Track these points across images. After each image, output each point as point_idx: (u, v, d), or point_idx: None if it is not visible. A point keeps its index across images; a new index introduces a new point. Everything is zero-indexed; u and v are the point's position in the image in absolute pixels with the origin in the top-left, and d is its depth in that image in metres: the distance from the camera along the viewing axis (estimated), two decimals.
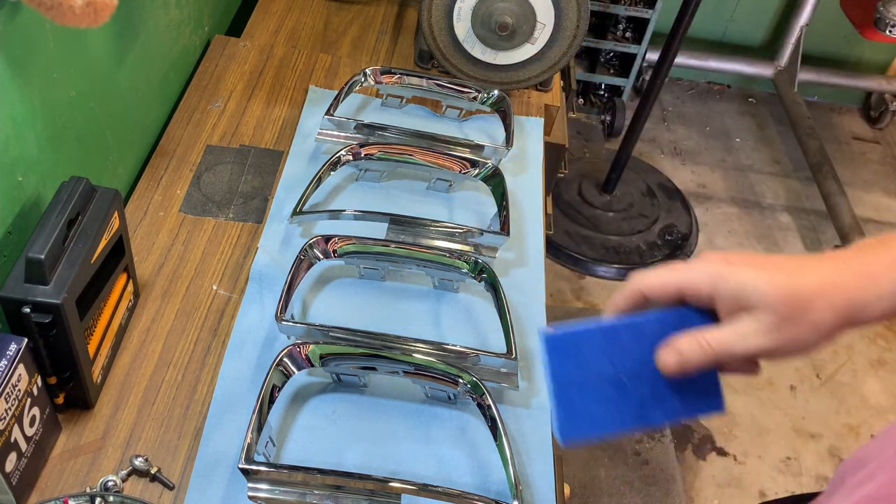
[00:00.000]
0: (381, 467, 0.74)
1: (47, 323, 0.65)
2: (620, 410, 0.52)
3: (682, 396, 0.52)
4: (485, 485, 0.74)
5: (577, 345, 0.53)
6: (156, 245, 0.91)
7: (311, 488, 0.70)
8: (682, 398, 0.52)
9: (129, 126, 0.99)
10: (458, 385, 0.77)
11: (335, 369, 0.78)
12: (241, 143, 1.06)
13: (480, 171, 1.00)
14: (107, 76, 0.90)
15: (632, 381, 0.52)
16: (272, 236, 0.94)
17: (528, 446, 0.78)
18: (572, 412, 0.52)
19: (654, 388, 0.52)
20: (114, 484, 0.70)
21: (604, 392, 0.52)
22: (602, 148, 2.68)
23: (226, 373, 0.79)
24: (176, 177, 1.00)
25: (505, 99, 1.11)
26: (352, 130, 1.04)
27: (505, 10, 1.08)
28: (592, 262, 2.30)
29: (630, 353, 0.53)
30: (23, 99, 0.73)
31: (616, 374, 0.52)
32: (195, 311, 0.85)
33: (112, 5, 0.64)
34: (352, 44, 1.29)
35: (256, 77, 1.17)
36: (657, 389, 0.52)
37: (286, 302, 0.80)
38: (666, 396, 0.52)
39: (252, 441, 0.68)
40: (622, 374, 0.52)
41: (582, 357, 0.52)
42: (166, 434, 0.75)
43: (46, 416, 0.69)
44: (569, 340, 0.53)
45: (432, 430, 0.78)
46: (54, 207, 0.68)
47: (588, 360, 0.52)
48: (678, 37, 2.00)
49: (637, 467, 1.83)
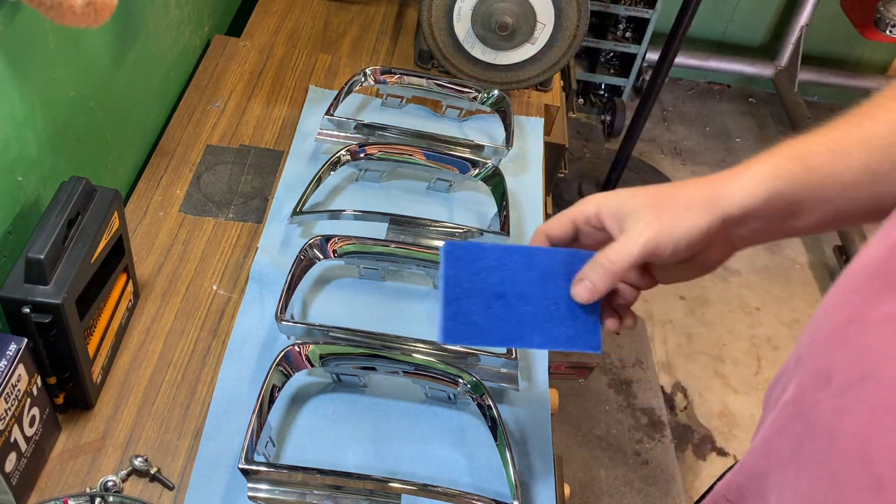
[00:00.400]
0: (381, 467, 0.74)
1: (47, 323, 0.65)
2: (501, 324, 0.55)
3: (562, 328, 0.56)
4: (485, 485, 0.74)
5: (474, 258, 0.56)
6: (156, 245, 0.91)
7: (310, 488, 0.70)
8: (562, 330, 0.56)
9: (129, 126, 0.99)
10: (458, 385, 0.77)
11: (335, 369, 0.78)
12: (241, 143, 1.06)
13: (480, 171, 1.00)
14: (107, 76, 0.90)
15: (518, 302, 0.55)
16: (272, 236, 0.93)
17: (528, 446, 0.78)
18: (457, 316, 0.55)
19: (538, 313, 0.55)
20: (114, 484, 0.70)
21: (490, 305, 0.55)
22: (602, 148, 2.68)
23: (226, 373, 0.79)
24: (176, 177, 1.00)
25: (505, 99, 1.11)
26: (352, 130, 1.04)
27: (505, 10, 1.08)
28: None
29: (520, 277, 0.56)
30: (23, 99, 0.73)
31: (504, 293, 0.55)
32: (195, 311, 0.85)
33: (112, 5, 0.64)
34: (352, 44, 1.29)
35: (256, 77, 1.17)
36: (540, 315, 0.55)
37: (286, 302, 0.80)
38: (547, 324, 0.55)
39: (252, 441, 0.68)
40: (510, 294, 0.55)
41: (476, 270, 0.56)
42: (166, 434, 0.75)
43: (46, 416, 0.69)
44: (467, 252, 0.56)
45: (432, 431, 0.78)
46: (54, 207, 0.68)
47: (481, 274, 0.56)
48: (678, 37, 2.00)
49: (637, 467, 1.83)
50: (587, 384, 1.97)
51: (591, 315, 0.56)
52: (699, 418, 1.96)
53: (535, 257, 0.57)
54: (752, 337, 2.16)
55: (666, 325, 2.15)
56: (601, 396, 1.95)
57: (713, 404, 1.99)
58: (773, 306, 2.23)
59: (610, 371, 2.01)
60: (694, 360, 2.08)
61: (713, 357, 2.10)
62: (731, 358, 2.10)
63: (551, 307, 0.56)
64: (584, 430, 1.88)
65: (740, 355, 2.11)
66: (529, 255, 0.57)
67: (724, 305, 2.23)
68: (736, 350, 2.12)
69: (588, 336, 0.56)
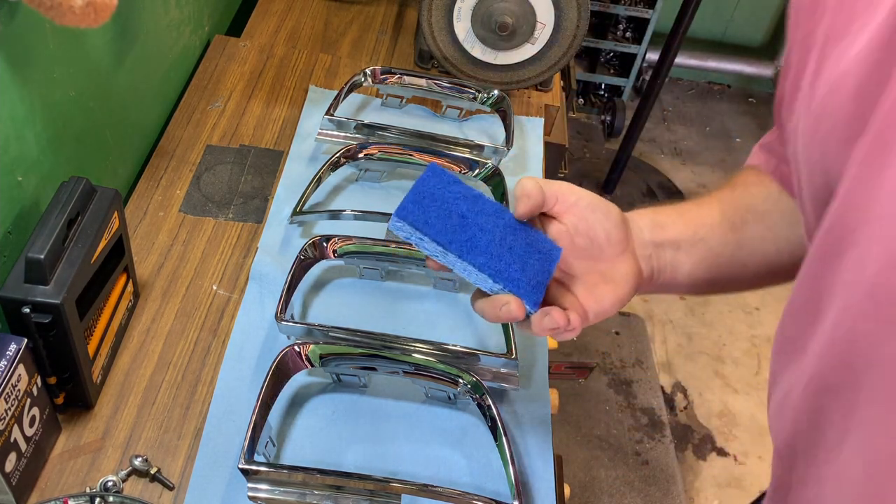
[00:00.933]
0: (381, 467, 0.74)
1: (47, 323, 0.65)
2: (454, 233, 0.57)
3: (509, 268, 0.56)
4: (485, 485, 0.74)
5: (450, 182, 0.59)
6: (156, 245, 0.91)
7: (310, 488, 0.70)
8: (509, 269, 0.56)
9: (129, 126, 0.99)
10: (458, 385, 0.77)
11: (335, 369, 0.78)
12: (241, 143, 1.06)
13: (480, 171, 1.00)
14: (106, 76, 0.90)
15: (476, 228, 0.57)
16: (272, 236, 0.93)
17: (528, 446, 0.78)
18: (418, 205, 0.57)
19: (491, 244, 0.57)
20: (113, 484, 0.70)
21: (450, 216, 0.57)
22: (602, 148, 2.68)
23: (226, 373, 0.79)
24: (176, 177, 1.00)
25: (505, 99, 1.11)
26: (352, 130, 1.04)
27: (505, 10, 1.08)
28: None
29: (486, 217, 0.58)
30: (23, 99, 0.73)
31: (466, 216, 0.57)
32: (195, 311, 0.85)
33: (112, 5, 0.64)
34: (352, 44, 1.29)
35: (256, 77, 1.17)
36: (492, 247, 0.57)
37: (286, 302, 0.80)
38: (497, 257, 0.56)
39: (252, 441, 0.68)
40: (472, 220, 0.57)
41: (451, 191, 0.59)
42: (166, 434, 0.75)
43: (46, 417, 0.69)
44: (448, 176, 0.59)
45: (432, 431, 0.78)
46: (54, 207, 0.68)
47: (454, 195, 0.58)
48: (678, 37, 2.00)
49: (637, 467, 1.83)
50: (587, 384, 1.97)
51: (541, 275, 0.57)
52: (699, 418, 1.96)
53: (506, 213, 0.59)
54: (752, 337, 2.16)
55: (666, 325, 2.15)
56: (601, 396, 1.95)
57: (713, 404, 1.99)
58: (773, 306, 2.23)
59: (610, 371, 2.01)
60: (694, 360, 2.09)
61: (713, 357, 2.10)
62: (732, 358, 2.10)
63: (505, 248, 0.57)
64: (584, 430, 1.88)
65: (740, 355, 2.11)
66: (502, 209, 0.59)
67: (724, 305, 2.23)
68: (736, 350, 2.12)
69: (530, 290, 0.56)
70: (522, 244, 0.58)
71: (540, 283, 0.57)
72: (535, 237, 0.59)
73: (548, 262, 0.58)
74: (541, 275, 0.57)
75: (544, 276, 0.57)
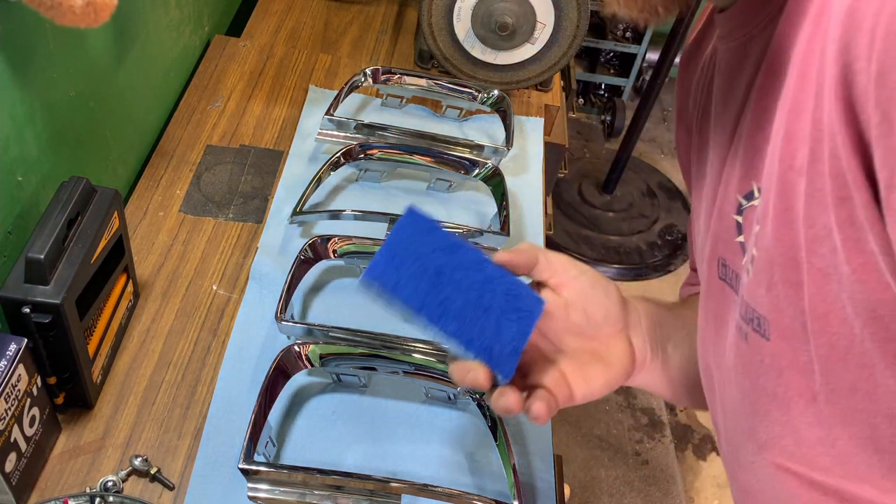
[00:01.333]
0: (381, 467, 0.74)
1: (47, 323, 0.65)
2: (426, 295, 0.53)
3: (482, 335, 0.53)
4: (485, 485, 0.74)
5: (431, 230, 0.55)
6: (156, 245, 0.91)
7: (311, 488, 0.70)
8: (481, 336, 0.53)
9: (129, 126, 0.99)
10: (457, 385, 0.77)
11: (335, 369, 0.78)
12: (241, 143, 1.06)
13: (480, 172, 1.00)
14: (106, 76, 0.90)
15: (451, 288, 0.53)
16: (272, 236, 0.93)
17: (528, 446, 0.78)
18: (391, 262, 0.53)
19: (465, 307, 0.53)
20: (113, 484, 0.70)
21: (424, 273, 0.53)
22: (602, 148, 2.68)
23: (226, 373, 0.79)
24: (176, 177, 1.00)
25: (505, 99, 1.11)
26: (352, 130, 1.04)
27: (505, 10, 1.08)
28: (592, 262, 2.30)
29: (465, 270, 0.54)
30: (23, 99, 0.73)
31: (442, 272, 0.54)
32: (195, 311, 0.85)
33: (112, 5, 0.64)
34: (352, 44, 1.29)
35: (256, 77, 1.17)
36: (466, 311, 0.53)
37: (286, 302, 0.80)
38: (470, 323, 0.53)
39: (252, 441, 0.68)
40: (447, 277, 0.54)
41: (428, 240, 0.54)
42: (166, 434, 0.75)
43: (46, 417, 0.69)
44: (427, 223, 0.55)
45: (432, 431, 0.78)
46: (54, 207, 0.68)
47: (431, 246, 0.54)
48: (678, 37, 2.00)
49: (637, 467, 1.83)
50: None
51: (516, 342, 0.54)
52: (699, 418, 1.96)
53: (486, 264, 0.56)
54: None
55: None
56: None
57: None
58: None
59: None
60: None
61: None
62: None
63: (481, 312, 0.53)
64: (584, 430, 1.88)
65: None
66: (482, 260, 0.56)
67: None
68: None
69: (504, 359, 0.53)
70: (501, 302, 0.54)
71: (515, 349, 0.53)
72: (517, 291, 0.55)
73: (527, 321, 0.55)
74: (517, 339, 0.54)
75: (520, 341, 0.54)
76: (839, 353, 0.37)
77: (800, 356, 0.40)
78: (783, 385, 0.42)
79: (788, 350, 0.40)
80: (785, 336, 0.40)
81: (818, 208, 0.35)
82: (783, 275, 0.39)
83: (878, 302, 0.34)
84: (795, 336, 0.40)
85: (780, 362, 0.41)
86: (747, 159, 0.44)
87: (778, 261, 0.39)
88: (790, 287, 0.38)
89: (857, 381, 0.37)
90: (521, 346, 0.54)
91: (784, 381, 0.42)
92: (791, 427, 0.42)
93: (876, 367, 0.36)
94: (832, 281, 0.36)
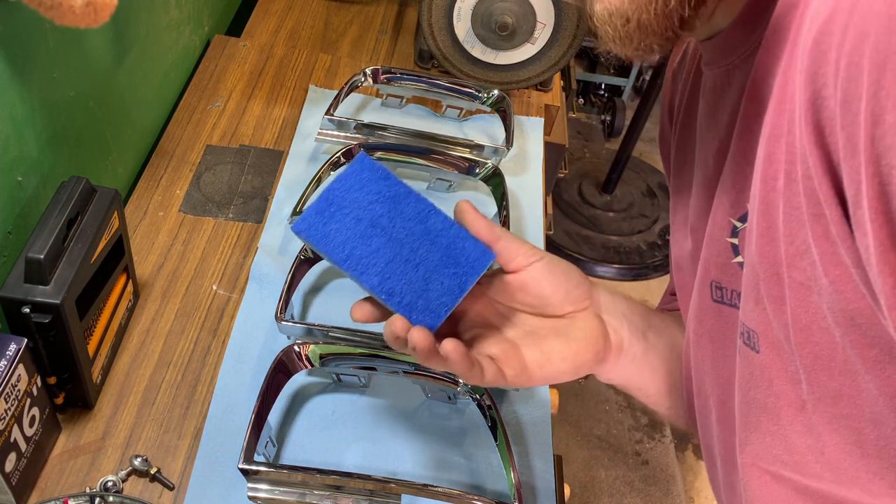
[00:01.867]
0: (381, 467, 0.74)
1: (47, 323, 0.65)
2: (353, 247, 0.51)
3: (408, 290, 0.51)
4: (485, 485, 0.74)
5: (374, 179, 0.52)
6: (155, 245, 0.91)
7: (310, 488, 0.70)
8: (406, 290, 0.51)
9: (129, 126, 0.99)
10: (458, 385, 0.77)
11: (335, 369, 0.78)
12: (241, 142, 1.06)
13: (480, 171, 1.00)
14: (106, 76, 0.90)
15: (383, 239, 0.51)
16: (272, 236, 0.94)
17: (528, 446, 0.78)
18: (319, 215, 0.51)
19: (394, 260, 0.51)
20: (113, 484, 0.70)
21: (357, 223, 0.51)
22: (602, 148, 2.69)
23: (226, 373, 0.79)
24: (176, 177, 1.00)
25: (505, 99, 1.11)
26: (352, 130, 1.04)
27: (505, 10, 1.08)
28: (592, 262, 2.30)
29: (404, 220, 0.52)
30: (23, 99, 0.73)
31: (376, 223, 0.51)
32: (195, 311, 0.85)
33: (112, 5, 0.64)
34: (352, 44, 1.29)
35: (256, 77, 1.17)
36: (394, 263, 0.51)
37: (286, 302, 0.80)
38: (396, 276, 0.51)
39: (252, 441, 0.68)
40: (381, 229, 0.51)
41: (373, 188, 0.52)
42: (166, 434, 0.75)
43: (46, 417, 0.69)
44: (375, 171, 0.52)
45: (432, 431, 0.78)
46: (54, 207, 0.68)
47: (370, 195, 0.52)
48: None
49: (637, 467, 1.83)
50: (587, 384, 1.97)
51: (445, 297, 0.51)
52: None
53: (432, 216, 0.53)
54: None
55: None
56: (601, 396, 1.95)
57: None
58: None
59: None
60: None
61: None
62: None
63: (412, 264, 0.51)
64: (584, 430, 1.88)
65: None
66: (428, 212, 0.53)
67: None
68: None
69: (429, 315, 0.50)
70: (438, 256, 0.52)
71: (442, 305, 0.51)
72: (461, 245, 0.53)
73: (464, 276, 0.52)
74: (448, 294, 0.51)
75: (452, 296, 0.51)
76: (823, 362, 0.38)
77: (788, 366, 0.41)
78: (773, 395, 0.43)
79: (777, 361, 0.42)
80: (773, 348, 0.42)
81: (796, 225, 0.37)
82: (767, 290, 0.40)
83: (855, 311, 0.35)
84: (782, 347, 0.41)
85: (769, 373, 0.43)
86: (738, 183, 0.45)
87: (762, 277, 0.40)
88: (774, 301, 0.40)
89: (840, 388, 0.38)
90: (452, 303, 0.51)
91: (774, 392, 0.43)
92: (782, 436, 0.43)
93: (858, 373, 0.37)
94: (812, 293, 0.37)
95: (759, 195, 0.40)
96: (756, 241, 0.40)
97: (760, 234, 0.40)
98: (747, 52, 0.45)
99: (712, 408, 0.52)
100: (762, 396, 0.44)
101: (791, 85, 0.37)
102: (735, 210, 0.46)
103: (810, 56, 0.33)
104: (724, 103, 0.48)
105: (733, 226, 0.46)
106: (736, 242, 0.46)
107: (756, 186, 0.40)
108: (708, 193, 0.50)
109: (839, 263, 0.35)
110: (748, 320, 0.43)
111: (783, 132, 0.37)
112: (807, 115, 0.34)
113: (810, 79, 0.33)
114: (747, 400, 0.45)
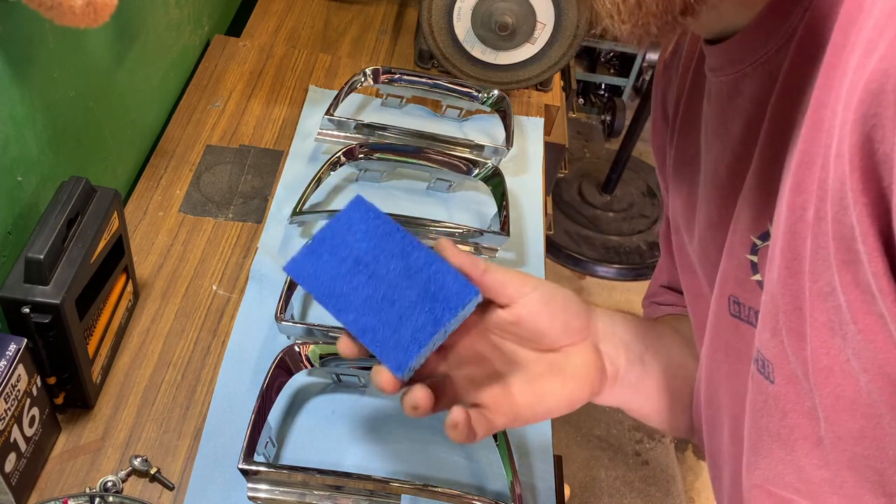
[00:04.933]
0: (381, 467, 0.74)
1: (47, 323, 0.65)
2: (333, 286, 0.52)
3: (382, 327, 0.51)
4: (485, 485, 0.74)
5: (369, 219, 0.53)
6: (155, 245, 0.91)
7: (310, 489, 0.70)
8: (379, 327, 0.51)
9: (129, 126, 0.99)
10: None
11: (335, 369, 0.78)
12: (241, 142, 1.06)
13: (480, 171, 1.00)
14: (106, 76, 0.90)
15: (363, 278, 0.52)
16: (272, 236, 0.93)
17: (528, 446, 0.78)
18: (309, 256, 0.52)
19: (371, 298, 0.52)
20: (113, 484, 0.70)
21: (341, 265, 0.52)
22: (602, 148, 2.69)
23: (225, 373, 0.79)
24: (175, 177, 1.00)
25: (505, 99, 1.11)
26: (352, 130, 1.04)
27: (505, 10, 1.08)
28: (592, 262, 2.30)
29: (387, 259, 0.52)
30: (23, 99, 0.73)
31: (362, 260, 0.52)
32: (195, 311, 0.85)
33: (112, 5, 0.64)
34: (352, 44, 1.29)
35: (256, 77, 1.17)
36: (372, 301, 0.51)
37: (286, 302, 0.80)
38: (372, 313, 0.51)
39: (252, 441, 0.68)
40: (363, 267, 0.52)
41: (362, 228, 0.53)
42: (166, 434, 0.75)
43: (46, 417, 0.69)
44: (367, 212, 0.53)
45: (432, 431, 0.78)
46: (54, 207, 0.68)
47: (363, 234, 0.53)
48: None
49: (637, 467, 1.83)
50: None
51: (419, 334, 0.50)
52: None
53: (414, 252, 0.53)
54: None
55: None
56: None
57: None
58: None
59: None
60: None
61: None
62: None
63: (388, 301, 0.51)
64: (584, 430, 1.88)
65: None
66: (411, 248, 0.53)
67: None
68: None
69: (399, 353, 0.50)
70: (415, 293, 0.51)
71: (415, 341, 0.50)
72: (441, 281, 0.51)
73: (442, 311, 0.51)
74: (422, 331, 0.50)
75: (426, 332, 0.50)
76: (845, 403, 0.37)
77: (804, 401, 0.40)
78: (787, 427, 0.41)
79: (793, 394, 0.40)
80: (789, 381, 0.40)
81: (822, 265, 0.35)
82: (787, 323, 0.39)
83: (885, 361, 0.34)
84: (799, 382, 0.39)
85: (783, 405, 0.41)
86: (760, 201, 0.44)
87: (783, 308, 0.39)
88: (794, 336, 0.39)
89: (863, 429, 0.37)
90: (426, 339, 0.50)
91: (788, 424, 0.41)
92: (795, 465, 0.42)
93: (883, 417, 0.36)
94: (836, 336, 0.36)
95: (786, 224, 0.38)
96: (778, 270, 0.39)
97: (785, 264, 0.38)
98: (759, 60, 0.43)
99: (724, 420, 0.51)
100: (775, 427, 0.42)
101: (830, 115, 0.35)
102: (755, 228, 0.44)
103: (863, 97, 0.31)
104: (735, 112, 0.47)
105: (753, 243, 0.45)
106: (755, 260, 0.45)
107: (782, 213, 0.39)
108: (721, 203, 0.49)
109: (872, 313, 0.33)
110: (764, 349, 0.42)
111: (816, 164, 0.35)
112: (854, 159, 0.31)
113: (861, 120, 0.31)
114: (758, 426, 0.44)
